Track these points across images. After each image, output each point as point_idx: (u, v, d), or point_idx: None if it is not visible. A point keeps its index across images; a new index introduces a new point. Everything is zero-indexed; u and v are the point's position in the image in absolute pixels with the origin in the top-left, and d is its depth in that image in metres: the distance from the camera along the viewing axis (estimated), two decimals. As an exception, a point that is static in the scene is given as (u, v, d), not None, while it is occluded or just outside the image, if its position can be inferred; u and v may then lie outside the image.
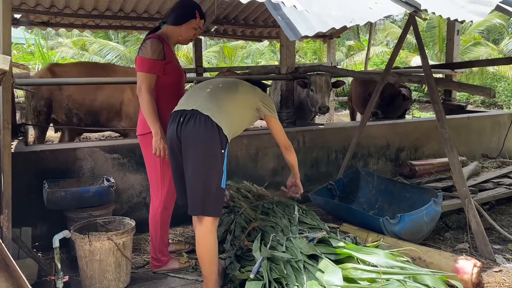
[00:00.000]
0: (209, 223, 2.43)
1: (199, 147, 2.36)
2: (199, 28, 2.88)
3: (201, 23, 2.87)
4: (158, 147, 2.69)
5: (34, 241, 2.95)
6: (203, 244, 2.45)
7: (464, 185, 3.21)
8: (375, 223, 3.11)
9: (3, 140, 2.42)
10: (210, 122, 2.37)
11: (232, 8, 6.94)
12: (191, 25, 2.82)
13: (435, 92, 3.39)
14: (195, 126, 2.37)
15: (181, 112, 2.47)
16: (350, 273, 2.26)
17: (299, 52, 16.26)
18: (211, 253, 2.46)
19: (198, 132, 2.36)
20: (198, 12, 2.81)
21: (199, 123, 2.36)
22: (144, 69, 2.71)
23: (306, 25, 2.26)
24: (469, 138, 5.36)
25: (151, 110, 2.69)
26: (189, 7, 2.82)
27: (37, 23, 6.44)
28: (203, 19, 2.88)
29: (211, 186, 2.38)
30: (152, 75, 2.72)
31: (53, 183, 3.20)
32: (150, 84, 2.71)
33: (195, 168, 2.38)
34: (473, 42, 15.29)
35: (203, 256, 2.46)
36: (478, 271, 2.57)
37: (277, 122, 2.73)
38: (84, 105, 4.72)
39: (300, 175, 3.03)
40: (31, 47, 14.71)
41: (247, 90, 2.68)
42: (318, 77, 4.71)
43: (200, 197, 2.39)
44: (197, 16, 2.80)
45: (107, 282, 2.69)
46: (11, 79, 2.51)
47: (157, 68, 2.73)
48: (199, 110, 2.40)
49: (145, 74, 2.71)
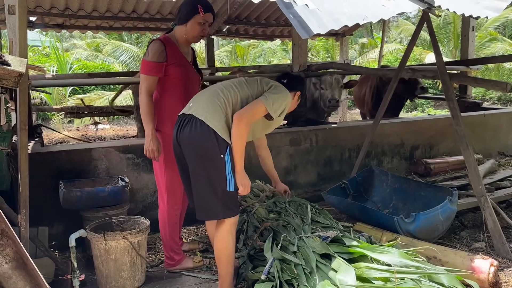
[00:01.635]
0: (227, 224, 2.43)
1: (196, 153, 2.35)
2: (206, 22, 2.81)
3: (207, 17, 2.80)
4: (148, 148, 2.73)
5: (51, 240, 3.01)
6: (221, 245, 2.46)
7: (480, 183, 3.17)
8: (390, 222, 3.08)
9: (20, 141, 2.46)
10: (205, 126, 2.33)
11: (244, 7, 6.94)
12: (196, 21, 2.78)
13: (450, 89, 3.34)
14: (191, 131, 2.35)
15: (181, 116, 2.47)
16: (363, 272, 2.25)
17: (311, 51, 16.20)
18: (228, 254, 2.46)
19: (193, 138, 2.35)
20: (202, 6, 2.76)
21: (194, 128, 2.34)
22: (144, 71, 2.77)
23: (318, 23, 2.24)
24: (485, 135, 5.28)
25: (147, 111, 2.73)
26: (192, 3, 2.79)
27: (52, 25, 6.53)
28: (209, 12, 2.81)
29: (215, 191, 2.35)
30: (151, 77, 2.75)
31: (69, 183, 3.25)
32: (149, 85, 2.75)
33: (194, 173, 2.39)
34: (488, 38, 15.02)
35: (220, 257, 2.47)
36: (495, 271, 2.53)
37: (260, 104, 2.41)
38: None
39: (313, 174, 3.00)
40: (47, 49, 14.91)
41: (252, 83, 2.55)
42: (328, 76, 4.72)
43: (205, 202, 2.39)
44: (201, 10, 2.76)
45: (123, 280, 2.72)
46: (27, 81, 2.56)
47: (156, 70, 2.75)
48: (194, 115, 2.38)
49: (145, 76, 2.76)
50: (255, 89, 2.51)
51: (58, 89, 11.19)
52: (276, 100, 2.45)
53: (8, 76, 1.76)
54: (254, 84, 2.53)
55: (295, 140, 4.24)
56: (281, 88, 2.54)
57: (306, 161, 4.28)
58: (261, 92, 2.50)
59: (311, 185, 4.33)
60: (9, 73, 1.75)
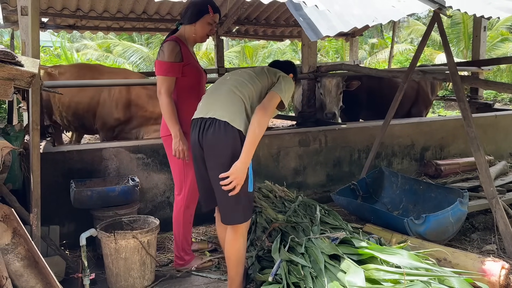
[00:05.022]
0: (241, 227, 2.43)
1: (222, 155, 2.33)
2: (214, 22, 2.86)
3: (216, 17, 2.85)
4: (178, 149, 2.73)
5: (62, 239, 3.04)
6: (232, 247, 2.45)
7: (491, 185, 3.14)
8: (400, 224, 3.07)
9: (32, 141, 2.50)
10: (229, 127, 2.32)
11: (254, 8, 6.95)
12: (206, 20, 2.81)
13: (461, 90, 3.32)
14: (215, 133, 2.33)
15: (200, 120, 2.43)
16: (372, 274, 2.24)
17: (321, 51, 16.15)
18: (239, 255, 2.46)
19: (219, 140, 2.33)
20: (211, 6, 2.80)
21: (218, 130, 2.33)
22: (162, 73, 2.75)
23: (327, 25, 2.24)
24: (496, 136, 5.23)
25: (171, 112, 2.72)
26: (201, 3, 2.81)
27: (64, 26, 6.59)
28: (218, 13, 2.85)
29: (238, 194, 2.32)
30: (170, 78, 2.75)
31: (80, 182, 3.28)
32: (169, 86, 2.74)
33: (217, 177, 2.32)
34: (500, 38, 14.87)
35: (231, 258, 2.47)
36: (506, 273, 2.51)
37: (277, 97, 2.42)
38: (70, 107, 4.66)
39: (322, 175, 2.97)
40: (58, 50, 15.07)
41: (261, 75, 2.54)
42: (328, 80, 4.60)
43: (230, 207, 2.38)
44: (210, 11, 2.79)
45: (132, 279, 2.74)
46: (39, 81, 2.59)
47: (174, 70, 2.75)
48: (216, 117, 2.36)
49: (163, 77, 2.74)
50: (265, 82, 2.51)
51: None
52: (287, 90, 2.48)
53: (21, 77, 1.78)
54: (263, 76, 2.53)
55: (304, 141, 4.24)
56: (287, 78, 2.55)
57: (315, 162, 4.28)
58: (271, 83, 2.51)
59: (320, 186, 4.32)
60: (22, 73, 1.77)
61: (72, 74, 4.77)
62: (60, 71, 4.81)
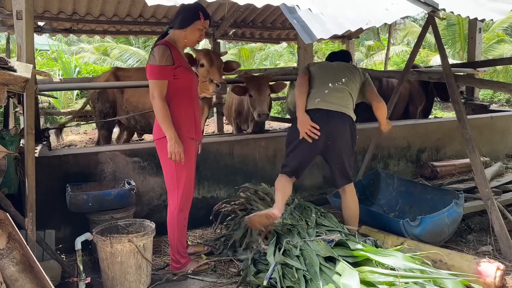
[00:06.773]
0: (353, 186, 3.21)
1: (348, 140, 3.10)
2: (205, 28, 2.87)
3: (206, 24, 2.85)
4: (173, 151, 2.73)
5: (57, 243, 3.03)
6: (356, 203, 3.17)
7: (486, 186, 3.15)
8: (396, 225, 3.07)
9: (27, 145, 2.49)
10: (347, 117, 3.09)
11: (250, 11, 6.96)
12: (196, 27, 2.82)
13: (456, 92, 3.33)
14: (344, 123, 3.07)
15: (325, 111, 3.04)
16: (367, 276, 2.24)
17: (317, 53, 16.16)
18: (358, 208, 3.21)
19: (346, 128, 3.08)
20: (202, 13, 2.80)
21: (343, 121, 3.06)
22: (154, 76, 2.76)
23: (321, 27, 2.25)
24: (492, 138, 5.24)
25: (165, 115, 2.73)
26: (193, 9, 2.81)
27: (60, 30, 6.59)
28: (208, 19, 2.86)
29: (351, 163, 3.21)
30: (162, 81, 2.76)
31: (76, 186, 3.28)
32: (162, 90, 2.75)
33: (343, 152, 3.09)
34: (496, 39, 14.92)
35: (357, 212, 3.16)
36: (502, 274, 2.52)
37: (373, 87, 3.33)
38: (138, 107, 4.83)
39: (318, 177, 3.09)
40: (55, 53, 15.06)
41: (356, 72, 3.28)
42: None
43: (347, 172, 3.16)
44: (201, 17, 2.80)
45: (128, 283, 2.74)
46: (34, 86, 2.59)
47: (166, 73, 2.76)
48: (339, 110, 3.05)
49: (155, 81, 2.75)
50: (358, 78, 3.24)
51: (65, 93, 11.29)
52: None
53: (15, 82, 1.78)
54: (357, 73, 3.27)
55: (301, 143, 4.23)
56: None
57: (311, 164, 4.27)
58: (361, 79, 3.27)
59: (317, 187, 4.32)
60: (16, 78, 1.78)
61: (139, 76, 4.90)
62: (128, 75, 5.02)
